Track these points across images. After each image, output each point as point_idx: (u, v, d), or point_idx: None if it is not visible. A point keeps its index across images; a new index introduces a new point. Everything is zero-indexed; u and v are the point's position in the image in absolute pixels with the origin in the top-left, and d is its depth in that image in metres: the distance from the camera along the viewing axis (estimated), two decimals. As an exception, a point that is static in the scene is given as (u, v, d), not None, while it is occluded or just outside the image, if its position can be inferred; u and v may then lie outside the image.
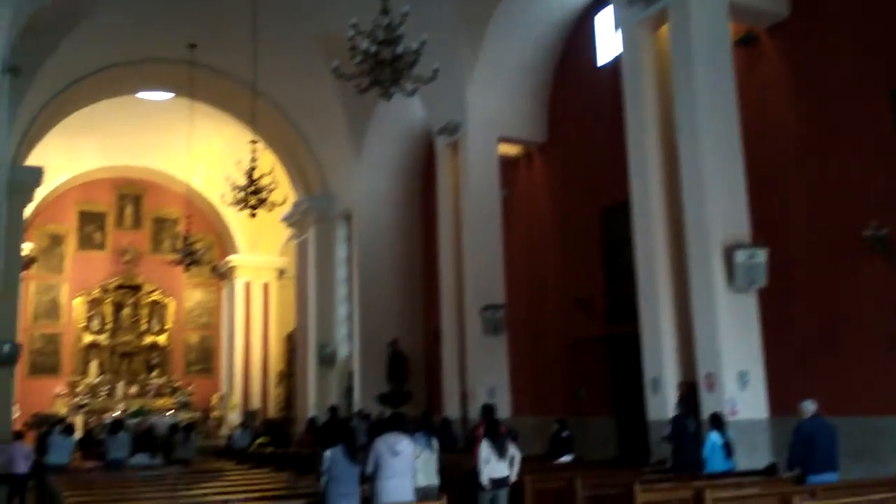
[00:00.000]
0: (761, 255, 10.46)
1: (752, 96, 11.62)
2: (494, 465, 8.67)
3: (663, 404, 10.98)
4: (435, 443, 8.81)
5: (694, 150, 10.92)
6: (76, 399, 27.13)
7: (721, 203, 10.77)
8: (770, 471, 9.12)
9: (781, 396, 10.40)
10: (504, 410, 14.92)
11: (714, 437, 9.24)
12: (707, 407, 10.22)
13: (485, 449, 8.71)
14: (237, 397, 29.59)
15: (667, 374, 11.25)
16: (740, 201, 10.92)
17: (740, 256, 10.36)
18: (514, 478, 8.84)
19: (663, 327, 11.38)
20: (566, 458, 11.36)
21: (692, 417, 9.66)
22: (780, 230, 11.13)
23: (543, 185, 17.02)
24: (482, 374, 15.85)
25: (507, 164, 17.27)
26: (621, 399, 13.94)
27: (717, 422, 9.38)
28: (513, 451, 8.87)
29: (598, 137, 15.10)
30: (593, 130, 15.44)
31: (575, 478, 8.65)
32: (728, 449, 9.24)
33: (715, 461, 9.17)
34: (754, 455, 9.99)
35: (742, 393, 10.30)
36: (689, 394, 10.61)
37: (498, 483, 8.65)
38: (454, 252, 17.06)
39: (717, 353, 10.37)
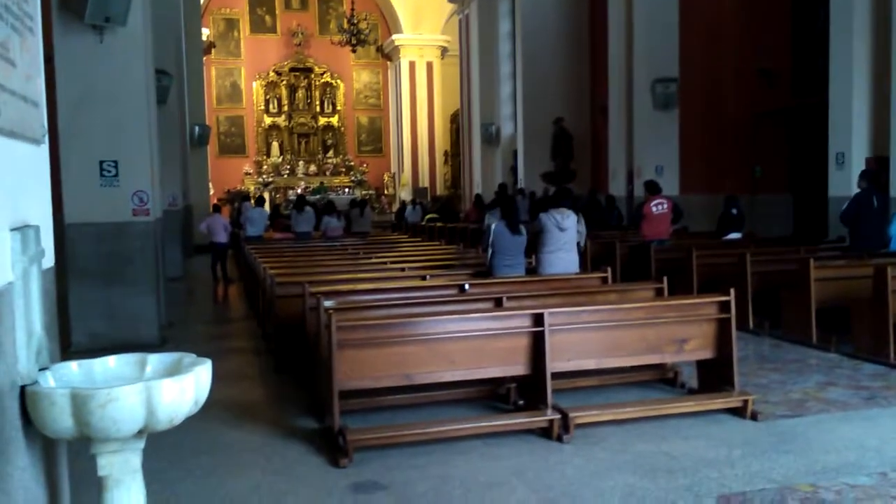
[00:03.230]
0: (984, 11, 9.10)
1: None
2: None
3: (847, 180, 10.31)
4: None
5: None
6: (262, 177, 29.26)
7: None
8: (964, 250, 8.52)
9: None
10: (672, 188, 14.60)
11: (903, 214, 8.66)
12: (898, 183, 9.51)
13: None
14: (407, 176, 30.76)
15: (854, 148, 10.48)
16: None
17: (957, 13, 9.07)
18: None
19: (855, 96, 10.44)
20: (734, 236, 11.10)
21: (877, 194, 9.01)
22: None
23: (727, -60, 15.30)
24: (650, 151, 15.42)
25: (687, -83, 15.56)
26: (800, 176, 13.23)
27: (909, 198, 8.73)
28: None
29: None
30: None
31: (745, 253, 8.48)
32: (918, 227, 8.66)
33: (902, 239, 8.65)
34: (947, 234, 9.31)
35: (941, 167, 9.46)
36: (876, 169, 9.85)
37: None
38: (625, 21, 16.07)
39: (917, 123, 9.46)
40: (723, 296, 5.43)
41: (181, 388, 2.73)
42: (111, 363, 3.10)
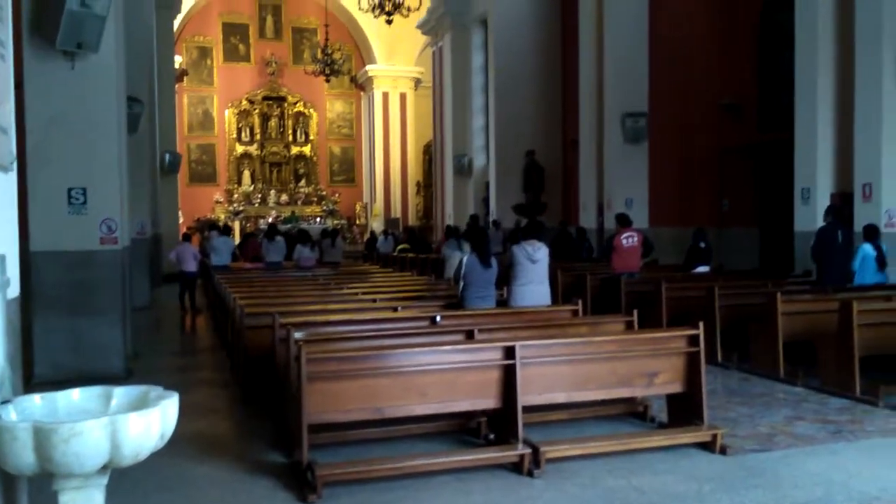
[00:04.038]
0: (942, 53, 9.38)
1: None
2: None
3: (812, 215, 10.52)
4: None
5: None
6: (233, 206, 29.09)
7: (900, -7, 9.61)
8: (926, 285, 8.68)
9: (947, 209, 9.70)
10: (642, 220, 14.77)
11: (866, 249, 8.81)
12: (861, 218, 9.70)
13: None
14: (379, 206, 30.79)
15: (819, 184, 10.72)
16: (923, -10, 9.68)
17: (917, 54, 9.34)
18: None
19: (820, 133, 10.70)
20: (702, 269, 11.23)
21: (841, 229, 9.21)
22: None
23: (695, -21, 15.67)
24: (620, 184, 15.61)
25: (657, -46, 15.93)
26: (767, 210, 13.45)
27: (871, 233, 8.90)
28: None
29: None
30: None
31: (713, 287, 8.57)
32: (881, 261, 8.82)
33: (866, 273, 8.80)
34: (909, 269, 9.51)
35: (902, 204, 9.68)
36: (840, 204, 10.06)
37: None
38: (596, 56, 16.33)
39: (878, 160, 9.71)
40: (692, 329, 5.47)
41: (147, 422, 2.69)
42: (75, 396, 3.05)
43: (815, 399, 6.73)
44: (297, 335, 5.51)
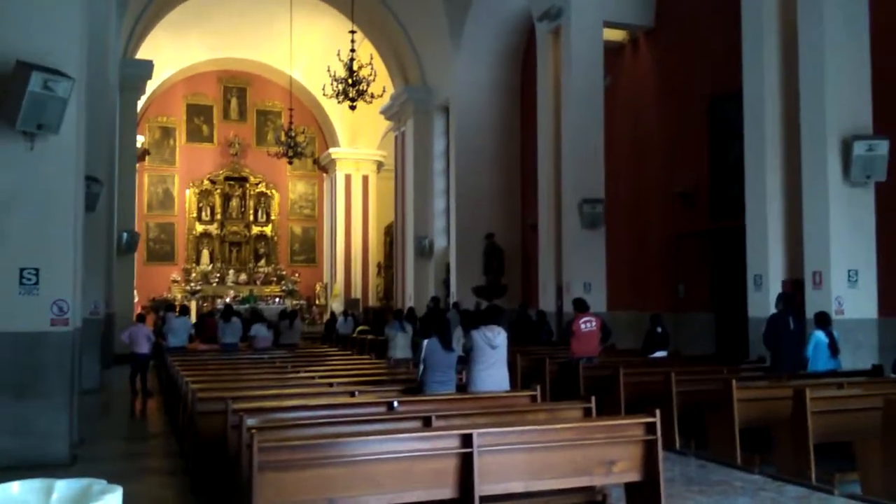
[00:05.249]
0: (882, 147, 9.80)
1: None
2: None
3: (765, 302, 10.71)
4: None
5: (815, 31, 10.17)
6: (190, 285, 28.73)
7: (841, 89, 10.07)
8: (875, 371, 8.85)
9: (893, 296, 9.97)
10: (599, 305, 14.91)
11: (819, 336, 8.98)
12: (813, 305, 9.92)
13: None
14: (339, 286, 30.66)
15: (771, 271, 10.95)
16: (863, 87, 10.15)
17: (859, 148, 9.74)
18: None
19: (770, 222, 11.00)
20: (660, 354, 11.32)
21: (793, 316, 9.40)
22: (905, 120, 10.36)
23: (649, 73, 16.32)
24: (578, 268, 15.78)
25: (612, 50, 16.58)
26: (721, 296, 13.68)
27: (823, 320, 9.09)
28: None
29: (710, 22, 14.26)
30: (705, 14, 14.56)
31: (670, 373, 8.62)
32: (833, 348, 8.98)
33: (818, 360, 8.94)
34: (860, 355, 9.70)
35: (851, 291, 9.93)
36: (791, 292, 10.30)
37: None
38: (553, 144, 16.75)
39: (827, 249, 9.97)
40: (648, 417, 5.46)
41: (88, 519, 2.59)
42: (14, 490, 2.93)
43: (772, 487, 6.72)
44: (250, 422, 5.38)
